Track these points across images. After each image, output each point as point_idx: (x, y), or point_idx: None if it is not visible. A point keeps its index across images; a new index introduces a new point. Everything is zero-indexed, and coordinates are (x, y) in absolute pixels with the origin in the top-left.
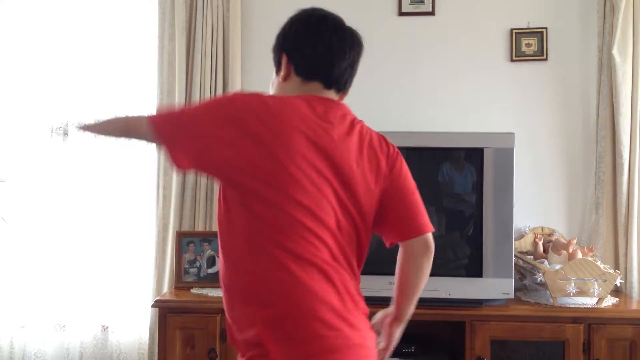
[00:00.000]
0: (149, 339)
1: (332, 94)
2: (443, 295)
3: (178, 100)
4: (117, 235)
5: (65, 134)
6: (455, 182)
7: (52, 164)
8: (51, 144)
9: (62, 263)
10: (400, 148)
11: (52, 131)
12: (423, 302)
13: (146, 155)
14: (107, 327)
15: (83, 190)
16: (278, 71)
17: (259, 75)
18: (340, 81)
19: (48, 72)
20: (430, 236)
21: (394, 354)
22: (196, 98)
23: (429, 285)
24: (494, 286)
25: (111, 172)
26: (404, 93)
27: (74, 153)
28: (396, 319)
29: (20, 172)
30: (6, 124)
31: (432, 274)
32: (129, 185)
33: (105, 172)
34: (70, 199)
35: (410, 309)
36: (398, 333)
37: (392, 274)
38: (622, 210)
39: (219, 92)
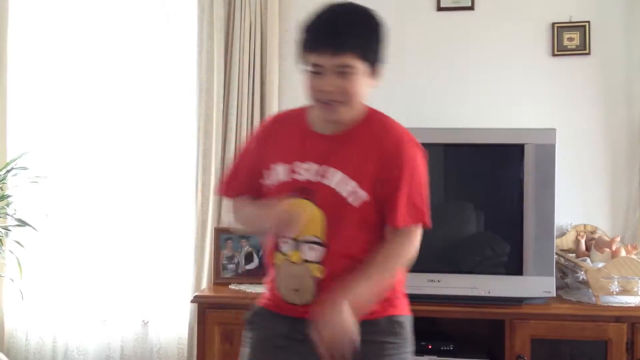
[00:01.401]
0: (188, 334)
1: None
2: (482, 293)
3: (216, 98)
4: (157, 231)
5: None
6: (496, 178)
7: (94, 161)
8: (94, 143)
9: (104, 259)
10: (438, 144)
11: None
12: (462, 300)
13: (186, 154)
14: (147, 322)
15: (124, 188)
16: (375, 75)
17: (296, 73)
18: None
19: (87, 70)
20: None
21: (433, 352)
22: (234, 96)
23: (468, 283)
24: (534, 284)
25: (152, 170)
26: (442, 88)
27: (116, 151)
28: None
29: (61, 169)
30: (50, 123)
31: (471, 272)
32: (169, 183)
33: (145, 170)
34: (112, 197)
35: None
36: None
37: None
38: None
39: (257, 89)
